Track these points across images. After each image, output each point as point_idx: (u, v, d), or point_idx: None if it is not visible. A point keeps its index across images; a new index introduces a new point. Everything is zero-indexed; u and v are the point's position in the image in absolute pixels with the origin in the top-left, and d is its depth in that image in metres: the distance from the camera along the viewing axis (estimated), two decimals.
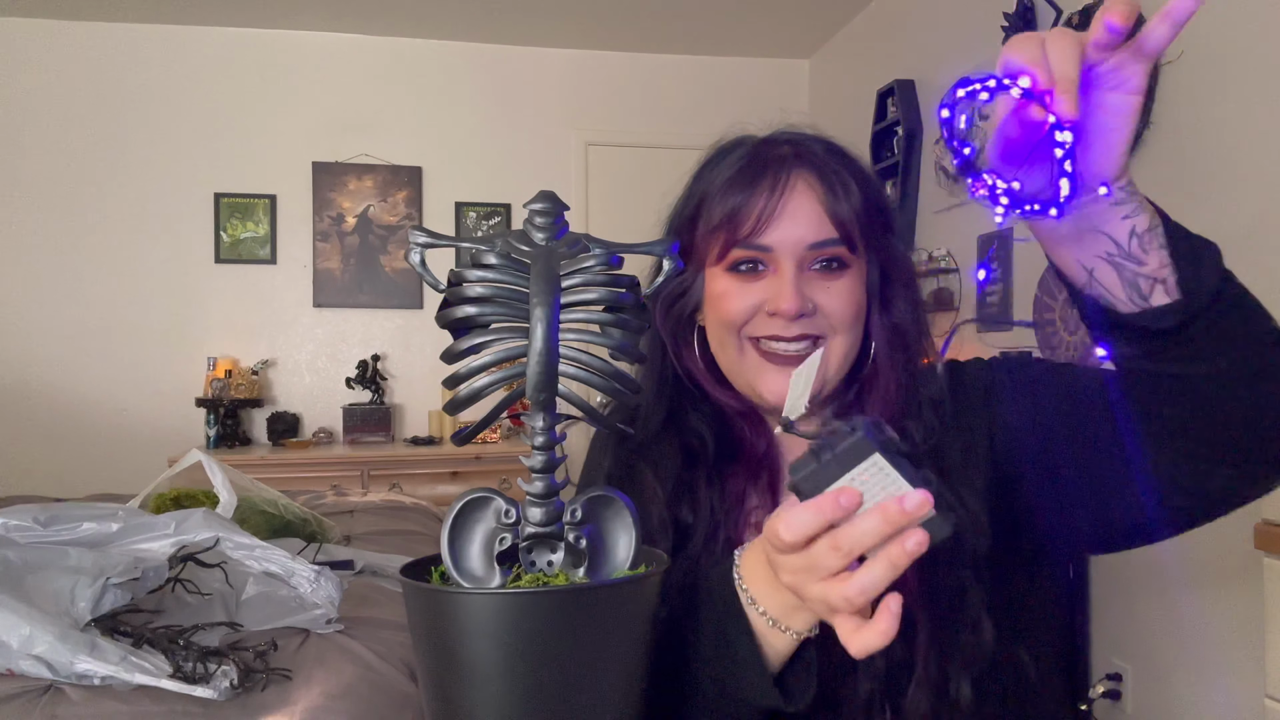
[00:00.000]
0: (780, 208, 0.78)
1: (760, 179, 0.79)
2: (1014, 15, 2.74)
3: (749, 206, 0.79)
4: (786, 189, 0.79)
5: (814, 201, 0.79)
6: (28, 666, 1.08)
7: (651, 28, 4.10)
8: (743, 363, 0.82)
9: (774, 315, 0.79)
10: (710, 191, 0.82)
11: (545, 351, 0.56)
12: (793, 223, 0.79)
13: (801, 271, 0.79)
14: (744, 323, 0.81)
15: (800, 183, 0.80)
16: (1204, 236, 0.69)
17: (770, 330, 0.79)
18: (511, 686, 0.55)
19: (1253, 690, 1.94)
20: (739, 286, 0.81)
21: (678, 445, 0.85)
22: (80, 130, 3.93)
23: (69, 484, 3.38)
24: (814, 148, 0.82)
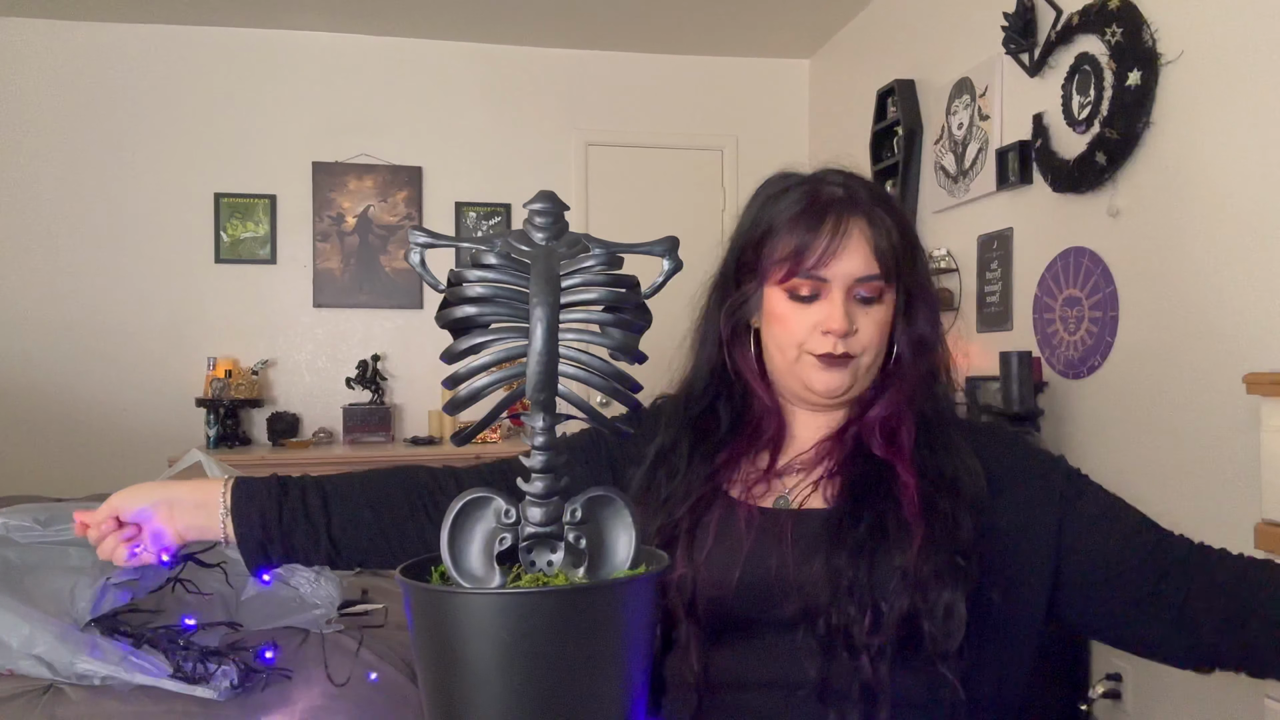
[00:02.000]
0: (839, 247, 0.95)
1: (823, 221, 0.96)
2: (1014, 15, 2.74)
3: (814, 244, 0.96)
4: (844, 234, 0.96)
5: (864, 244, 0.96)
6: (28, 666, 1.08)
7: (651, 28, 4.10)
8: (797, 365, 0.99)
9: (826, 334, 0.96)
10: (776, 224, 0.99)
11: (545, 351, 0.56)
12: (848, 260, 0.96)
13: (848, 300, 0.97)
14: (803, 340, 0.98)
15: (855, 229, 0.97)
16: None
17: (823, 349, 0.97)
18: (511, 686, 0.55)
19: (1253, 690, 1.94)
20: (797, 310, 0.98)
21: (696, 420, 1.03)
22: (80, 130, 3.93)
23: (69, 484, 3.37)
24: (861, 194, 0.99)
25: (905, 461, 0.95)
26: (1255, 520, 1.64)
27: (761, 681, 0.92)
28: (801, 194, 0.99)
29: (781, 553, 0.92)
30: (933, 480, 0.93)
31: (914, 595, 0.87)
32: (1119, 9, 2.33)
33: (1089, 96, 2.46)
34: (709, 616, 0.93)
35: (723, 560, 0.93)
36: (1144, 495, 2.42)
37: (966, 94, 3.13)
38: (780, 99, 4.53)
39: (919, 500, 0.91)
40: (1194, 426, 2.16)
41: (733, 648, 0.93)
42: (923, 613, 0.86)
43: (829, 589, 0.88)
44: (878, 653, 0.86)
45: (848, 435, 1.00)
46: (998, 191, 2.92)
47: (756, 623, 0.92)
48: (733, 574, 0.92)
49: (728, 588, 0.92)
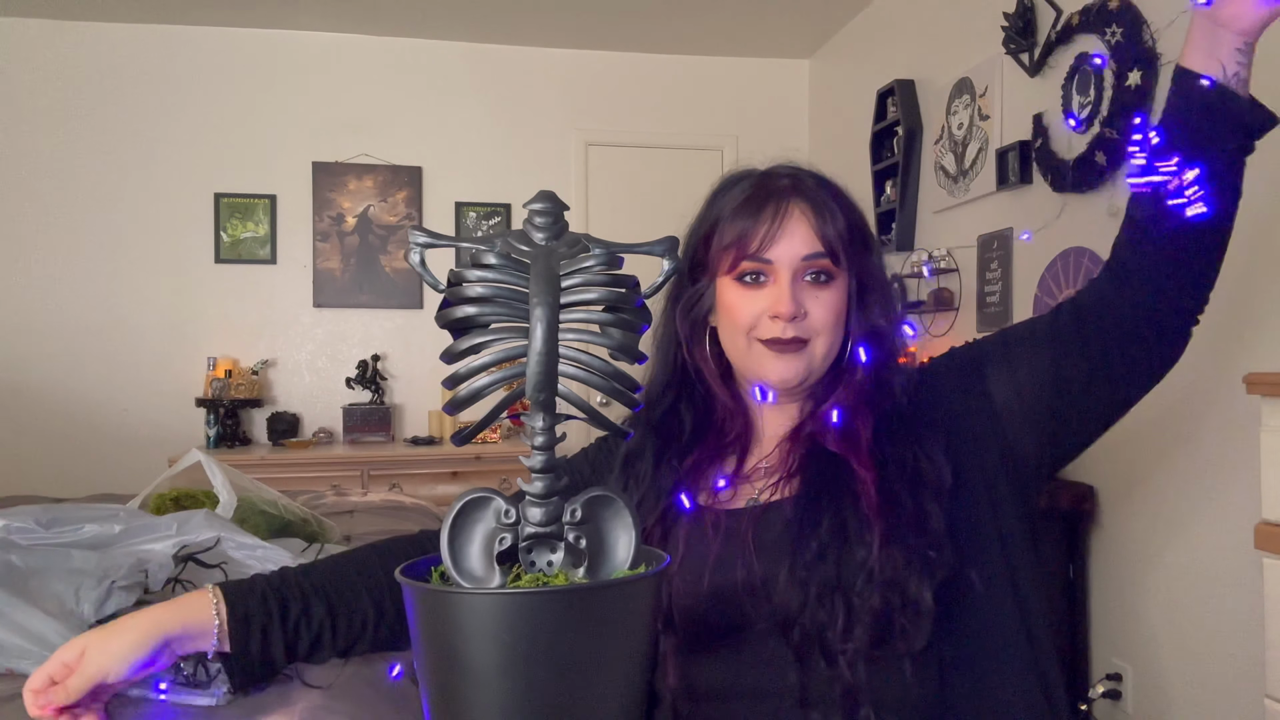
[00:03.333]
0: (780, 229, 0.96)
1: (764, 206, 0.98)
2: (1014, 15, 2.74)
3: (755, 228, 0.97)
4: (785, 215, 0.97)
5: (806, 226, 0.97)
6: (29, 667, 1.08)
7: (651, 28, 4.10)
8: (750, 356, 0.99)
9: (775, 318, 0.96)
10: (722, 215, 1.00)
11: (545, 351, 0.56)
12: (789, 241, 0.96)
13: (796, 282, 0.97)
14: (752, 327, 0.98)
15: (796, 210, 0.98)
16: None
17: (772, 334, 0.97)
18: (511, 686, 0.55)
19: (1253, 690, 1.94)
20: (746, 295, 0.98)
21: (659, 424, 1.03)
22: (80, 130, 3.93)
23: (69, 484, 3.38)
24: (807, 181, 1.00)
25: (862, 455, 0.93)
26: (1255, 520, 1.64)
27: (741, 691, 0.91)
28: (747, 184, 1.01)
29: (748, 558, 0.91)
30: (892, 472, 0.92)
31: (884, 591, 0.85)
32: (1119, 9, 2.33)
33: (1089, 96, 2.46)
34: (684, 627, 0.92)
35: (693, 569, 0.93)
36: (1145, 495, 2.42)
37: (966, 94, 3.12)
38: (780, 99, 4.53)
39: (876, 494, 0.89)
40: (1194, 426, 2.16)
41: (710, 658, 0.92)
42: (894, 608, 0.85)
43: (799, 594, 0.87)
44: (854, 654, 0.85)
45: (804, 433, 0.98)
46: (998, 191, 2.92)
47: (731, 631, 0.91)
48: (702, 582, 0.92)
49: (699, 596, 0.91)
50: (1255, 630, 1.87)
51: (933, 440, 0.94)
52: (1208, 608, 2.13)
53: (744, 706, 0.90)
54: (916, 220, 3.49)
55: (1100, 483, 2.47)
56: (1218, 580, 2.10)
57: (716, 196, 1.04)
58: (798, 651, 0.87)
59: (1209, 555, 2.13)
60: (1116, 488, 2.43)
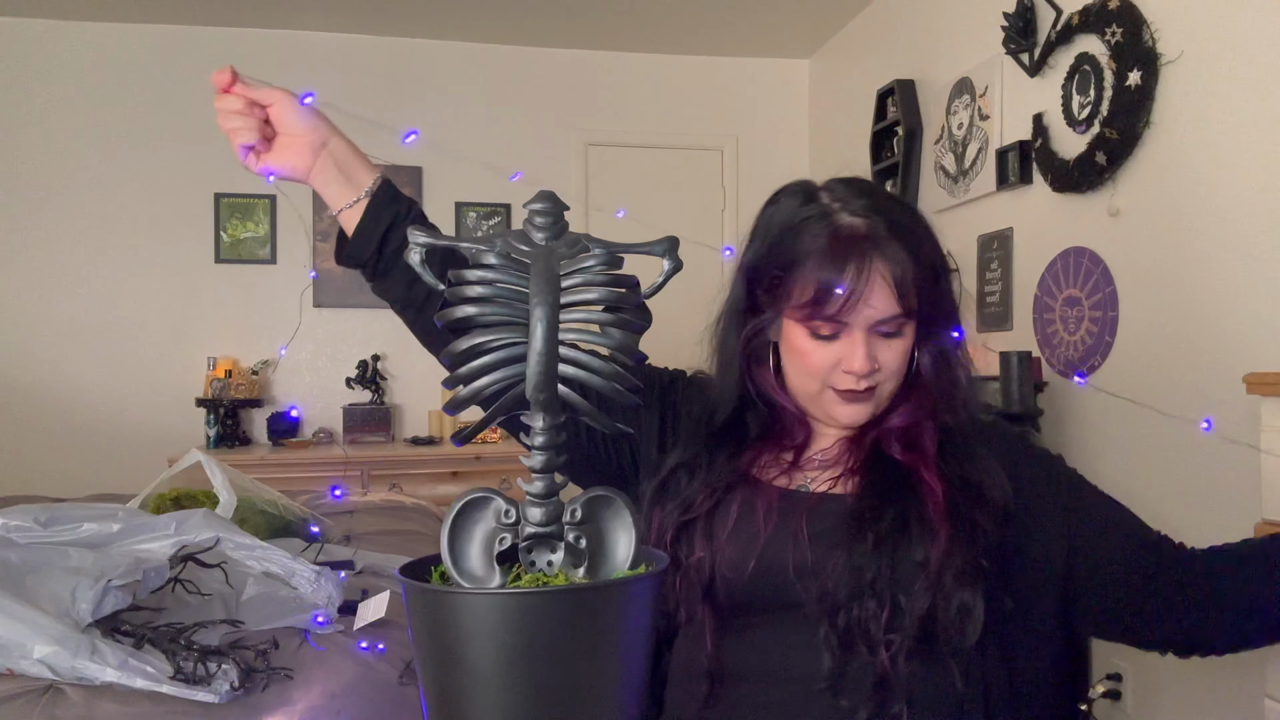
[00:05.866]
0: (860, 294, 0.93)
1: (846, 264, 0.93)
2: (1014, 15, 2.74)
3: (835, 293, 0.93)
4: (868, 280, 0.93)
5: (888, 289, 0.93)
6: (28, 667, 1.08)
7: (651, 28, 4.10)
8: (820, 399, 0.99)
9: (848, 373, 0.95)
10: (797, 262, 0.96)
11: (545, 351, 0.56)
12: (868, 306, 0.93)
13: (870, 338, 0.95)
14: (825, 376, 0.97)
15: (877, 272, 0.93)
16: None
17: (846, 385, 0.96)
18: (511, 686, 0.55)
19: (1252, 690, 1.94)
20: (818, 347, 0.96)
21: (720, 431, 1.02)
22: (80, 130, 3.93)
23: (69, 484, 3.37)
24: (879, 224, 0.95)
25: (929, 466, 0.94)
26: (1255, 520, 1.64)
27: (773, 672, 0.92)
28: (822, 229, 0.95)
29: (801, 540, 0.92)
30: (958, 486, 0.93)
31: (935, 594, 0.87)
32: (1119, 9, 2.33)
33: (1089, 96, 2.46)
34: (726, 601, 0.93)
35: (742, 543, 0.93)
36: (1144, 495, 2.42)
37: (966, 94, 3.12)
38: (780, 99, 4.53)
39: (944, 502, 0.91)
40: (1194, 426, 2.16)
41: (746, 636, 0.93)
42: (941, 611, 0.87)
43: (850, 583, 0.88)
44: (897, 649, 0.87)
45: (867, 439, 0.99)
46: (998, 191, 2.92)
47: (772, 611, 0.93)
48: (750, 558, 0.92)
49: (744, 571, 0.92)
50: None
51: (994, 465, 0.96)
52: None
53: (773, 688, 0.92)
54: None
55: (1100, 482, 2.46)
56: None
57: (786, 234, 0.98)
58: (841, 638, 0.88)
59: None
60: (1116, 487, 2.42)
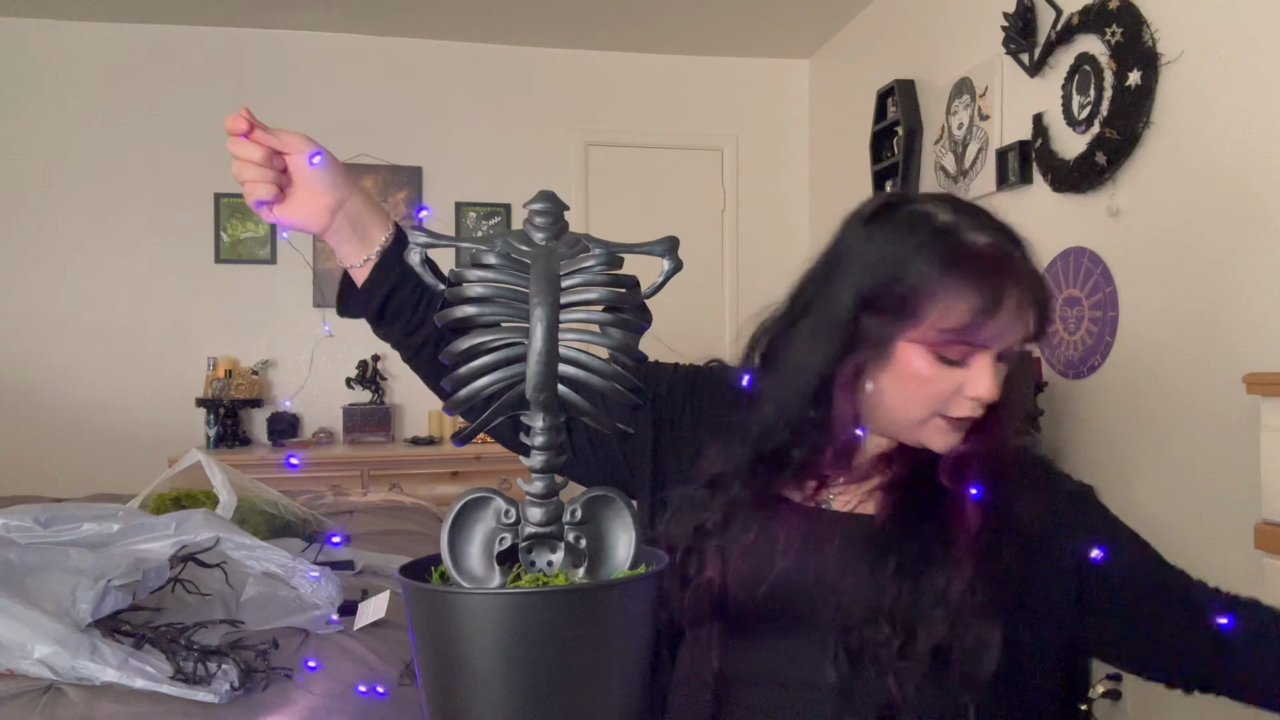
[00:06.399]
0: (1010, 323, 0.88)
1: (1003, 297, 0.87)
2: (1014, 15, 2.74)
3: (991, 321, 0.87)
4: (1018, 302, 0.88)
5: (1032, 312, 0.89)
6: (28, 667, 1.08)
7: (651, 28, 4.10)
8: (924, 426, 0.92)
9: (973, 399, 0.89)
10: (944, 287, 0.87)
11: (545, 351, 0.56)
12: (1013, 331, 0.89)
13: (996, 363, 0.90)
14: (943, 403, 0.90)
15: (1026, 296, 0.89)
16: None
17: (966, 412, 0.90)
18: (511, 686, 0.55)
19: None
20: (942, 373, 0.89)
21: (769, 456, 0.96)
22: (80, 130, 3.93)
23: (69, 484, 3.37)
24: (1016, 250, 0.91)
25: (967, 490, 0.90)
26: (1255, 520, 1.64)
27: (780, 679, 0.91)
28: (961, 249, 0.88)
29: (822, 557, 0.90)
30: (991, 515, 0.90)
31: (953, 626, 0.85)
32: (1119, 9, 2.33)
33: (1089, 96, 2.46)
34: (736, 614, 0.92)
35: (757, 561, 0.92)
36: (1144, 495, 2.42)
37: (966, 94, 3.12)
38: (780, 99, 4.53)
39: (975, 532, 0.88)
40: (1194, 426, 2.16)
41: (754, 643, 0.93)
42: (957, 644, 0.85)
43: (866, 605, 0.87)
44: (906, 675, 0.85)
45: (903, 457, 0.95)
46: (998, 191, 2.92)
47: (783, 621, 0.92)
48: (765, 577, 0.91)
49: (757, 589, 0.91)
50: None
51: (1028, 493, 0.93)
52: None
53: (782, 693, 0.91)
54: None
55: (1099, 482, 2.46)
56: (1218, 580, 2.10)
57: (915, 250, 0.89)
58: (851, 658, 0.86)
59: (1209, 555, 2.13)
60: (1116, 487, 2.43)
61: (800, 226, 4.53)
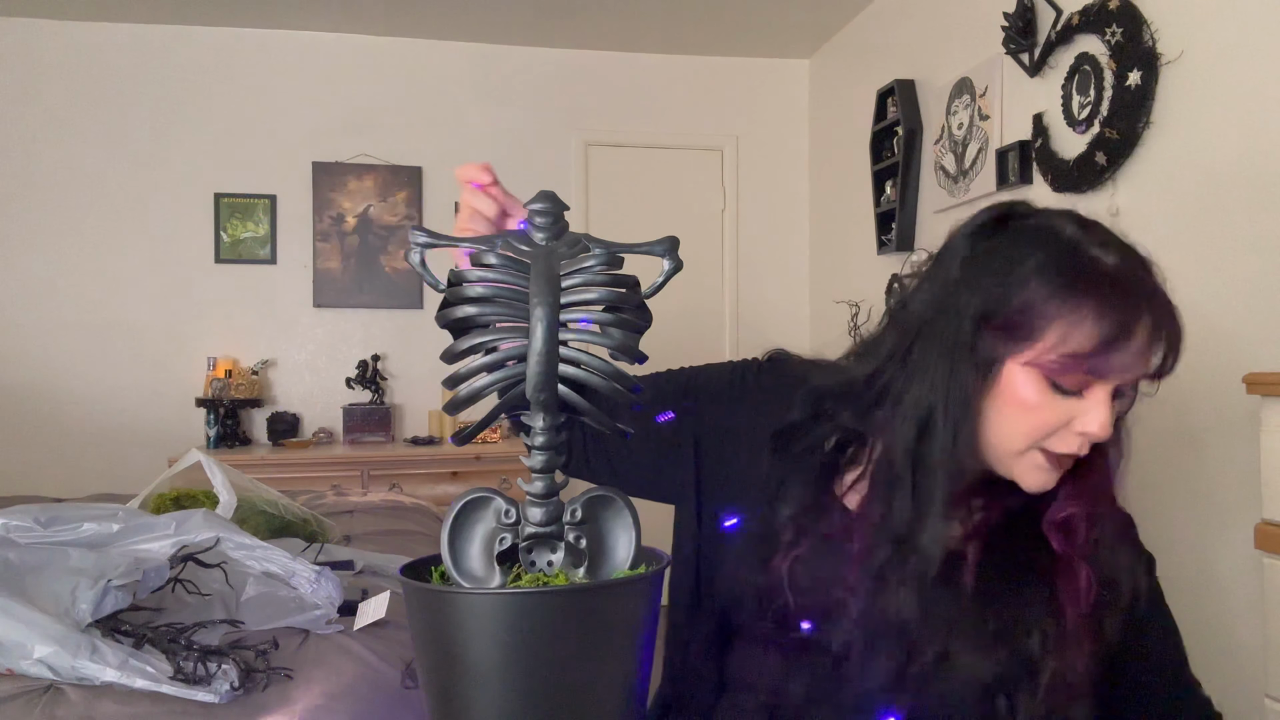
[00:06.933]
0: (1139, 356, 0.82)
1: (1135, 326, 0.80)
2: (1014, 15, 2.74)
3: (1120, 352, 0.80)
4: (1151, 332, 0.82)
5: (1161, 344, 0.83)
6: (28, 667, 1.08)
7: (651, 28, 4.10)
8: (1021, 460, 0.84)
9: (1082, 434, 0.82)
10: (1074, 308, 0.80)
11: (545, 351, 0.56)
12: (1140, 363, 0.82)
13: (1112, 399, 0.83)
14: (1047, 435, 0.83)
15: (1160, 326, 0.83)
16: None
17: (1071, 449, 0.83)
18: (511, 686, 0.55)
19: (1253, 690, 1.94)
20: (1052, 403, 0.82)
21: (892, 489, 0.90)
22: (81, 130, 3.93)
23: (69, 484, 3.38)
24: (1148, 275, 0.84)
25: (1081, 555, 0.85)
26: (1255, 520, 1.64)
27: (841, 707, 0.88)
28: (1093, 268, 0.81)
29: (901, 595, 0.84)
30: (1101, 583, 0.85)
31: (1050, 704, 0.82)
32: (1119, 9, 2.33)
33: (1089, 96, 2.46)
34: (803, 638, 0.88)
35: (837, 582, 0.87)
36: (1144, 495, 2.41)
37: (966, 94, 3.12)
38: (780, 99, 4.53)
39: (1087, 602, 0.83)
40: (1194, 426, 2.16)
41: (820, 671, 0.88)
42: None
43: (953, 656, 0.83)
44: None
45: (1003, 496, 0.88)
46: (998, 191, 2.92)
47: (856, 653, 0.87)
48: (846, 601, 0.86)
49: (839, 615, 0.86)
50: (1255, 630, 1.87)
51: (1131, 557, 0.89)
52: (1208, 608, 2.13)
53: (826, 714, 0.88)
54: (916, 220, 3.49)
55: None
56: (1218, 580, 2.10)
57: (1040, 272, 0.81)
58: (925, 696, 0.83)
59: (1209, 555, 2.13)
60: None
61: (800, 226, 4.53)
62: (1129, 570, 0.88)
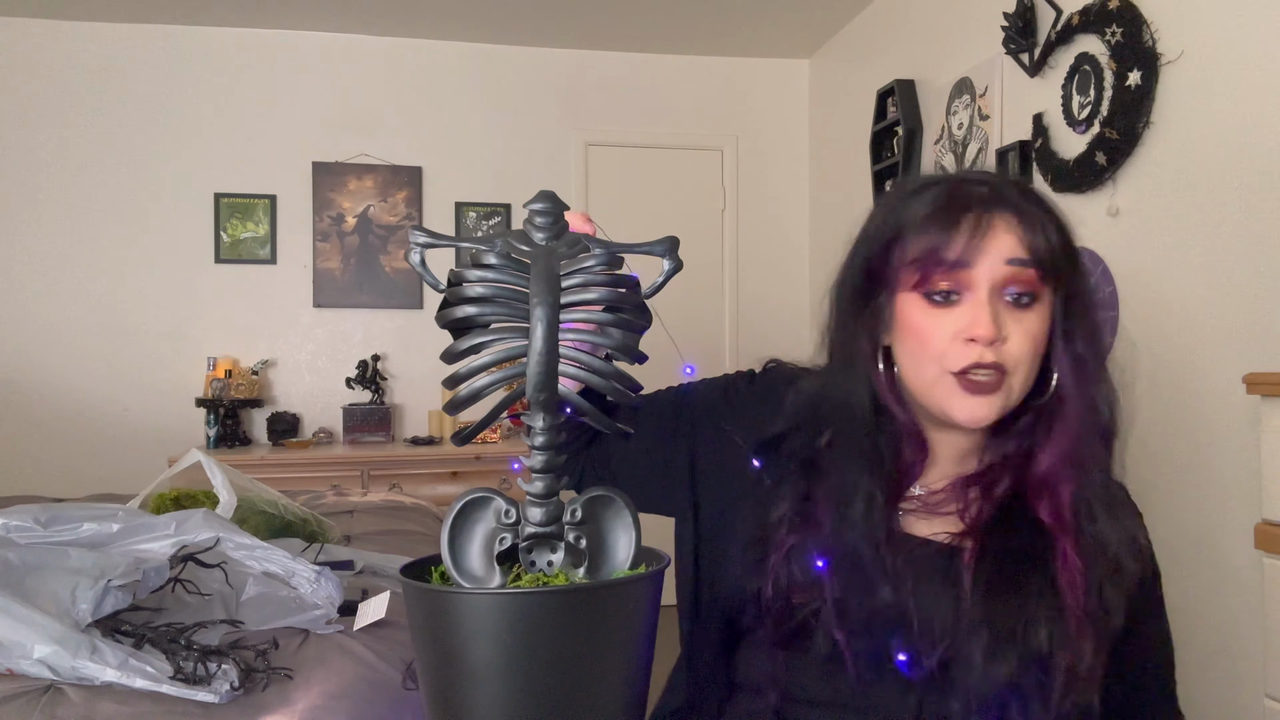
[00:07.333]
0: (980, 240, 0.83)
1: (962, 215, 0.84)
2: (1014, 15, 2.74)
3: (951, 238, 0.83)
4: (988, 226, 0.84)
5: (1013, 238, 0.84)
6: (28, 667, 1.08)
7: (651, 28, 4.10)
8: (937, 388, 0.86)
9: (970, 341, 0.83)
10: (908, 224, 0.86)
11: (545, 351, 0.56)
12: (991, 253, 0.83)
13: (995, 301, 0.84)
14: (942, 354, 0.85)
15: (999, 220, 0.84)
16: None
17: (968, 360, 0.83)
18: (511, 686, 0.55)
19: (1253, 690, 1.94)
20: (935, 316, 0.85)
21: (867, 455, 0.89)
22: (80, 130, 3.93)
23: (69, 484, 3.38)
24: (1010, 191, 0.87)
25: (1067, 532, 0.84)
26: (1255, 520, 1.64)
27: (846, 706, 0.87)
28: (940, 191, 0.87)
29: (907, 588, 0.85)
30: (1095, 559, 0.84)
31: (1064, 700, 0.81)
32: (1119, 9, 2.33)
33: (1089, 96, 2.46)
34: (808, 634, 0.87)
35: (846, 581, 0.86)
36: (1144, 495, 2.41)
37: (966, 94, 3.12)
38: (780, 99, 4.53)
39: (1084, 585, 0.82)
40: (1194, 426, 2.16)
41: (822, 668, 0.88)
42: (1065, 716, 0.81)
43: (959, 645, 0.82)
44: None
45: (999, 487, 0.88)
46: None
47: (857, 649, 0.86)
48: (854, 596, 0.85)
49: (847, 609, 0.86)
50: (1255, 630, 1.87)
51: (1131, 524, 0.87)
52: (1208, 608, 2.13)
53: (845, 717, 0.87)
54: None
55: None
56: (1218, 580, 2.10)
57: (899, 202, 0.89)
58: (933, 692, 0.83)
59: (1209, 555, 2.13)
60: None
61: (800, 226, 4.53)
62: (1127, 541, 0.86)
